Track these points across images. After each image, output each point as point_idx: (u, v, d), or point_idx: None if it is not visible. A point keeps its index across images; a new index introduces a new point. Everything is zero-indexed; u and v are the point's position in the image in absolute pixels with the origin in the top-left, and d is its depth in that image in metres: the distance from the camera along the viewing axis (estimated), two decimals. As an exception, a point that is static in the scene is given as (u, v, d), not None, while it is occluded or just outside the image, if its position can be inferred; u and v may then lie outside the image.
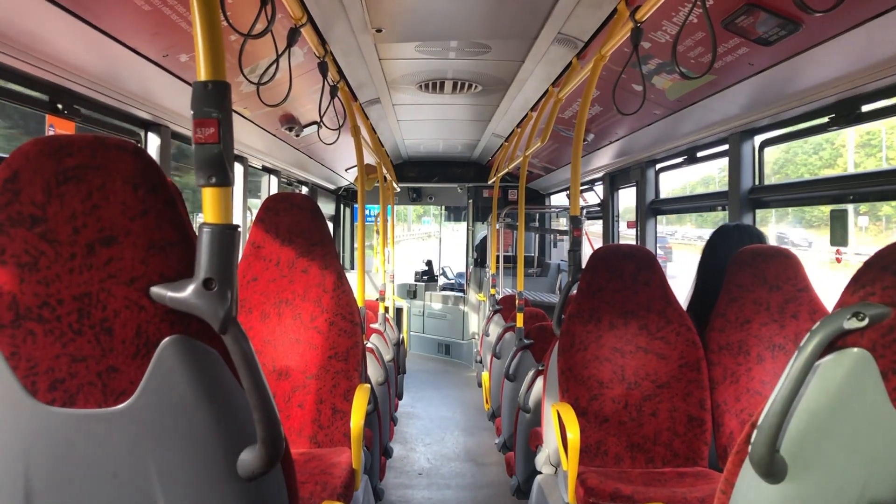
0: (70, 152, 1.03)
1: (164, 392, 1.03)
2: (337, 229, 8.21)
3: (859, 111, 2.41)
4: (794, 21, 2.03)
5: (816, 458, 1.05)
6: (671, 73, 2.81)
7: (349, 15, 2.80)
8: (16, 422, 1.04)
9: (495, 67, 3.88)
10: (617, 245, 2.57)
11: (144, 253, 1.03)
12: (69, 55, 2.07)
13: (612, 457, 2.41)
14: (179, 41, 2.31)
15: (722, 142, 3.32)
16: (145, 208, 1.04)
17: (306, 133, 4.22)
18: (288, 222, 2.46)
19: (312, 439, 2.40)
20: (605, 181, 5.18)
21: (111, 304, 1.03)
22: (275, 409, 1.07)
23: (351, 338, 2.45)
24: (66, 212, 1.02)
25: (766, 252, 2.39)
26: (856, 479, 1.03)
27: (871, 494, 1.03)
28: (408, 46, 3.47)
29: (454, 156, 7.95)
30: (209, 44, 1.05)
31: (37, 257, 1.01)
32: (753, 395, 2.34)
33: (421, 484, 4.15)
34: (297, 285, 2.46)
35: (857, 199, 2.56)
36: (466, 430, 5.40)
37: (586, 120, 2.73)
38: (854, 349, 1.02)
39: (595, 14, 2.65)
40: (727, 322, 2.37)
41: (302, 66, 3.10)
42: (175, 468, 1.06)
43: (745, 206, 3.12)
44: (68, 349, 1.03)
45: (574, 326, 2.46)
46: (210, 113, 1.03)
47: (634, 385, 2.42)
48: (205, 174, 1.04)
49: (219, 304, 1.01)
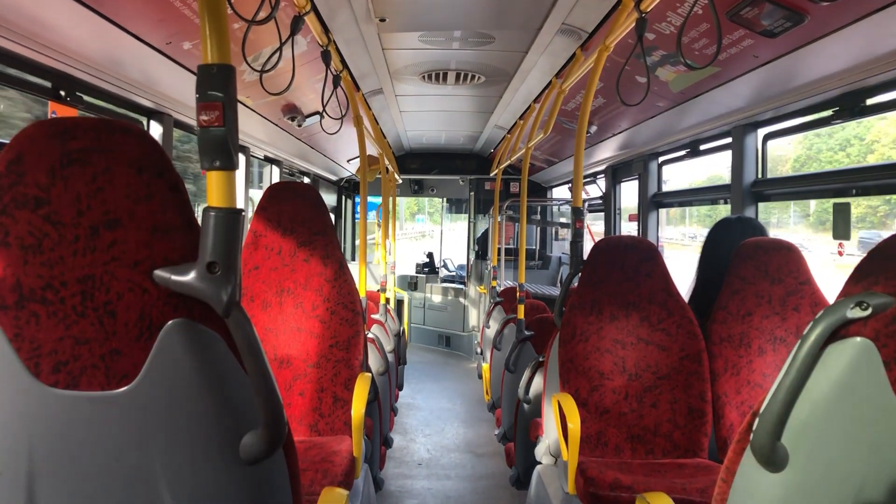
0: (75, 135, 1.03)
1: (167, 375, 1.04)
2: (338, 220, 8.21)
3: (864, 104, 2.40)
4: (799, 13, 2.02)
5: (818, 447, 1.05)
6: (675, 65, 2.80)
7: (353, 4, 2.79)
8: (19, 403, 1.04)
9: (499, 58, 3.87)
10: (619, 237, 2.57)
11: (148, 236, 1.03)
12: (73, 42, 2.07)
13: (612, 448, 2.41)
14: (183, 29, 2.30)
15: (725, 135, 3.31)
16: (150, 192, 1.04)
17: (308, 123, 4.21)
18: (290, 211, 2.46)
19: (313, 427, 2.41)
20: (607, 174, 5.17)
21: (115, 286, 1.03)
22: (277, 393, 1.08)
23: (352, 327, 2.45)
24: (71, 194, 1.02)
25: (767, 245, 2.39)
26: (857, 469, 1.03)
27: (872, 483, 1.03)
28: (411, 36, 3.46)
29: (456, 147, 7.94)
30: (214, 27, 1.05)
31: (41, 239, 1.01)
32: (754, 387, 2.34)
33: (421, 474, 4.16)
34: (298, 274, 2.46)
35: (859, 193, 2.56)
36: (466, 422, 5.42)
37: (589, 112, 2.73)
38: (857, 338, 1.02)
39: (600, 5, 2.64)
40: (729, 314, 2.38)
41: (305, 56, 3.10)
42: (177, 451, 1.06)
43: (747, 199, 3.12)
44: (72, 331, 1.03)
45: (575, 318, 2.46)
46: (215, 96, 1.02)
47: (635, 376, 2.43)
48: (209, 158, 1.04)
49: (222, 288, 1.01)
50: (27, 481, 1.06)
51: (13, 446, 1.05)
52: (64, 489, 1.07)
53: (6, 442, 1.05)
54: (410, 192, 8.55)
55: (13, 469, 1.05)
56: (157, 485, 1.06)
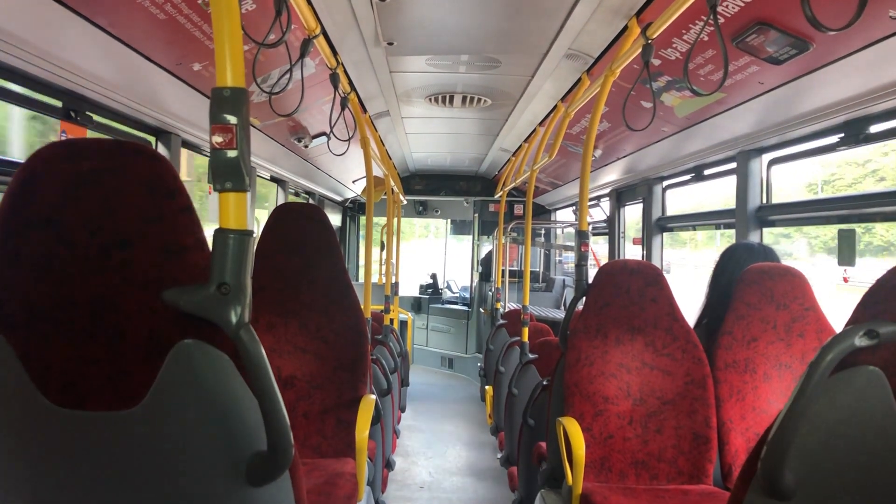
0: (87, 156, 1.04)
1: (174, 396, 1.03)
2: (343, 241, 8.23)
3: (868, 132, 2.41)
4: (804, 40, 2.04)
5: (826, 476, 1.04)
6: (680, 91, 2.82)
7: (361, 27, 2.82)
8: (27, 422, 1.04)
9: (505, 82, 3.90)
10: (624, 260, 2.56)
11: (159, 257, 1.04)
12: (85, 62, 2.09)
13: (616, 473, 2.39)
14: (194, 50, 2.33)
15: (730, 160, 3.32)
16: (161, 213, 1.04)
17: (315, 144, 4.24)
18: (296, 232, 2.47)
19: (316, 449, 2.39)
20: (611, 197, 5.19)
21: (124, 307, 1.03)
22: (285, 415, 1.07)
23: (357, 348, 2.45)
24: (83, 215, 1.03)
25: (773, 270, 2.38)
26: (871, 500, 1.02)
27: None
28: (418, 59, 3.50)
29: (461, 170, 7.97)
30: (229, 51, 1.06)
31: (52, 259, 1.02)
32: (760, 413, 2.32)
33: (423, 497, 4.12)
34: (304, 295, 2.47)
35: (863, 220, 2.56)
36: (469, 445, 5.37)
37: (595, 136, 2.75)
38: (867, 367, 1.01)
39: (606, 30, 2.67)
40: (734, 340, 2.36)
41: (313, 77, 3.13)
42: (184, 472, 1.06)
43: (752, 225, 3.12)
44: (81, 351, 1.03)
45: (580, 341, 2.45)
46: (228, 119, 1.04)
47: (640, 401, 2.41)
48: (221, 180, 1.05)
49: (232, 309, 1.01)
50: (32, 500, 1.05)
51: (20, 465, 1.05)
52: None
53: (13, 460, 1.05)
54: (415, 212, 8.58)
55: (18, 488, 1.05)
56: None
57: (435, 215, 8.81)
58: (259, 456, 1.07)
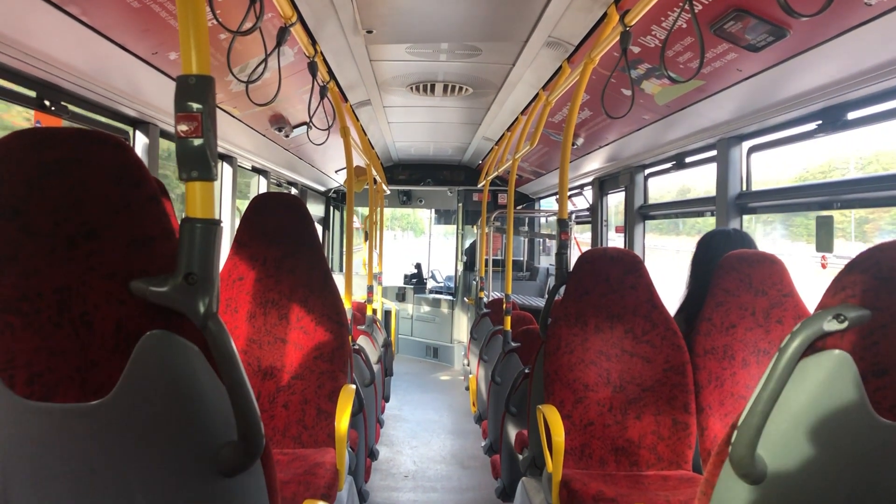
0: (52, 146, 1.02)
1: (143, 387, 1.02)
2: (326, 231, 8.20)
3: (846, 118, 2.43)
4: (781, 27, 2.04)
5: (796, 459, 1.05)
6: (660, 78, 2.82)
7: (340, 15, 2.79)
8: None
9: (486, 70, 3.88)
10: (604, 248, 2.57)
11: (126, 247, 1.02)
12: (58, 51, 2.06)
13: (596, 460, 2.41)
14: (169, 39, 2.30)
15: (710, 147, 3.34)
16: (127, 203, 1.03)
17: (296, 134, 4.20)
18: (275, 222, 2.45)
19: (297, 440, 2.39)
20: (594, 186, 5.19)
21: (91, 297, 1.02)
22: (255, 404, 1.07)
23: (337, 339, 2.44)
24: (48, 205, 1.01)
25: (751, 257, 2.40)
26: (838, 481, 1.03)
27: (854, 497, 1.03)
28: (399, 48, 3.47)
29: (444, 159, 7.95)
30: (194, 38, 1.05)
31: (17, 250, 1.00)
32: (738, 399, 2.34)
33: (407, 486, 4.14)
34: (283, 285, 2.45)
35: (843, 206, 2.58)
36: (453, 433, 5.39)
37: (575, 124, 2.74)
38: (835, 351, 1.02)
39: (585, 18, 2.66)
40: (713, 326, 2.38)
41: (292, 67, 3.09)
42: (153, 463, 1.05)
43: (732, 212, 3.13)
44: (47, 342, 1.01)
45: (560, 329, 2.46)
46: (194, 107, 1.02)
47: (619, 388, 2.42)
48: (187, 168, 1.03)
49: (200, 299, 1.00)
50: (1, 493, 1.04)
51: None
52: (38, 501, 1.05)
53: None
54: (399, 202, 8.55)
55: None
56: (132, 497, 1.05)
57: (419, 205, 8.79)
58: (230, 446, 1.06)
